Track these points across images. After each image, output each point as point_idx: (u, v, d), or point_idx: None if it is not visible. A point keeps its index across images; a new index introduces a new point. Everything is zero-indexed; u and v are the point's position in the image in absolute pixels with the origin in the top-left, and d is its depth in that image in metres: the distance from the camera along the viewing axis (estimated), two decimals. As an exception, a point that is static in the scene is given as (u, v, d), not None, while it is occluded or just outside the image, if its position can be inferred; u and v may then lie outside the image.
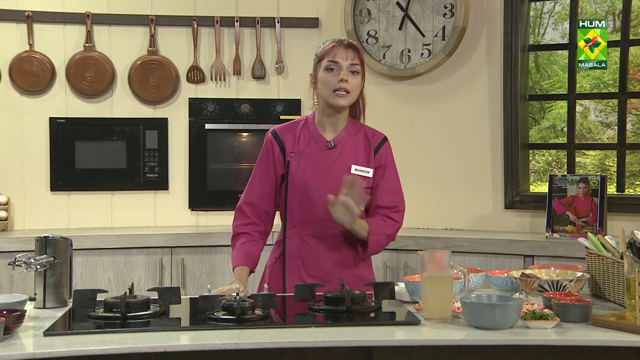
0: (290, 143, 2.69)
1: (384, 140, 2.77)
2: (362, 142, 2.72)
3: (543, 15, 5.96)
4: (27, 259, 2.35)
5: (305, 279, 2.64)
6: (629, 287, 2.15)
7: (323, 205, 2.59)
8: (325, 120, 2.69)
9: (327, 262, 2.65)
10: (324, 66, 2.62)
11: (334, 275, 2.60)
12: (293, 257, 2.67)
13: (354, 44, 2.67)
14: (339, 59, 2.61)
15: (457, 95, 4.30)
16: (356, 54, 2.64)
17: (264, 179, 2.71)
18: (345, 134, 2.70)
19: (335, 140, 2.69)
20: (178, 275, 4.04)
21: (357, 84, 2.64)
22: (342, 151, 2.67)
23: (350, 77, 2.61)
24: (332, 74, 2.61)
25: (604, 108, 6.13)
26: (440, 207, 4.33)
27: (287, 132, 2.72)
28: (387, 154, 2.76)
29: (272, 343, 2.02)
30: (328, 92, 2.62)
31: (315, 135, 2.70)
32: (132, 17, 4.45)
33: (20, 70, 4.32)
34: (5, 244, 3.92)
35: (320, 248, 2.66)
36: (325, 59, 2.63)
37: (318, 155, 2.66)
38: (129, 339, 2.01)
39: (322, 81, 2.63)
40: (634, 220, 3.83)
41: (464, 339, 2.07)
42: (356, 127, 2.74)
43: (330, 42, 2.67)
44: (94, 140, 4.44)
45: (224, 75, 4.52)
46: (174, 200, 4.49)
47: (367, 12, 4.40)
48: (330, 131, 2.70)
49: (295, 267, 2.67)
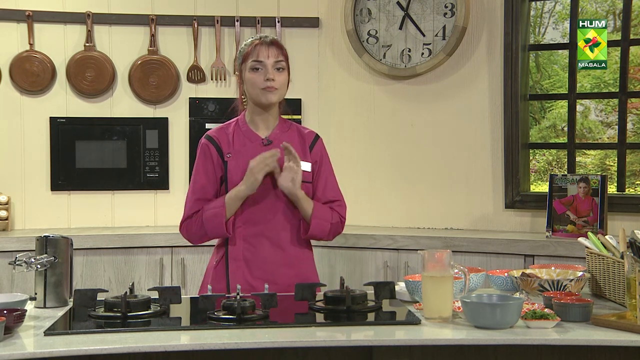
0: (225, 144, 2.68)
1: (317, 137, 2.78)
2: (296, 138, 2.73)
3: (543, 15, 5.96)
4: (27, 259, 2.35)
5: (249, 280, 2.61)
6: (629, 286, 2.15)
7: (265, 203, 2.60)
8: (257, 118, 2.70)
9: (272, 262, 2.63)
10: (249, 66, 2.63)
11: (279, 275, 2.60)
12: (236, 259, 2.64)
13: (277, 40, 2.68)
14: (263, 57, 2.61)
15: (458, 95, 4.30)
16: (279, 50, 2.65)
17: (205, 183, 2.66)
18: (279, 131, 2.71)
19: (270, 137, 2.69)
20: (178, 274, 4.04)
21: (284, 80, 2.65)
22: (278, 147, 2.65)
23: (277, 74, 2.62)
24: (257, 74, 2.62)
25: (605, 107, 6.14)
26: (440, 207, 4.33)
27: (220, 134, 2.71)
28: (322, 151, 2.77)
29: (273, 343, 2.02)
30: (256, 91, 2.63)
31: (249, 134, 2.70)
32: (133, 17, 4.45)
33: (21, 69, 4.32)
34: (6, 243, 3.92)
35: (264, 248, 2.63)
36: (249, 59, 2.63)
37: (255, 153, 2.63)
38: (129, 339, 2.01)
39: (249, 82, 2.63)
40: (634, 220, 3.83)
41: (464, 338, 2.07)
42: (287, 124, 2.76)
43: (252, 40, 2.67)
44: (94, 140, 4.44)
45: (225, 74, 4.52)
46: (175, 199, 4.48)
47: (368, 11, 4.40)
48: (263, 129, 2.71)
49: (238, 270, 2.63)
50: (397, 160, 4.41)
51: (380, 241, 3.98)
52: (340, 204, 2.75)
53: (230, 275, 2.64)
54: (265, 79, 2.60)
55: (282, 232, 2.64)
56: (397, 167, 4.40)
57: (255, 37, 2.69)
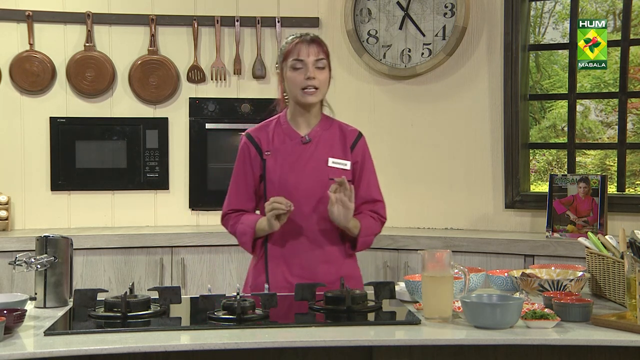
0: (265, 142, 2.67)
1: (360, 135, 2.75)
2: (337, 135, 2.71)
3: (543, 15, 5.96)
4: (27, 259, 2.35)
5: (288, 278, 2.61)
6: (629, 286, 2.15)
7: (303, 201, 2.59)
8: (298, 117, 2.68)
9: (311, 259, 2.62)
10: (290, 65, 2.61)
11: (319, 273, 2.59)
12: (275, 257, 2.64)
13: (317, 38, 2.65)
14: (303, 56, 2.59)
15: (458, 95, 4.30)
16: (320, 48, 2.62)
17: (242, 183, 2.69)
18: (320, 129, 2.69)
19: (310, 135, 2.67)
20: (178, 274, 4.04)
21: (325, 78, 2.63)
22: (318, 145, 2.66)
23: (317, 72, 2.60)
24: (298, 73, 2.59)
25: (605, 107, 6.14)
26: (440, 207, 4.33)
27: (260, 132, 2.70)
28: (365, 150, 2.74)
29: (273, 343, 2.02)
30: (297, 90, 2.61)
31: (289, 132, 2.68)
32: (133, 17, 4.45)
33: (21, 69, 4.32)
34: (6, 243, 3.92)
35: (302, 246, 2.63)
36: (290, 57, 2.61)
37: (294, 151, 2.64)
38: (129, 339, 2.01)
39: (290, 80, 2.62)
40: (634, 220, 3.83)
41: (464, 338, 2.07)
42: (329, 122, 2.73)
43: (293, 38, 2.64)
44: (94, 140, 4.44)
45: (225, 74, 4.52)
46: (175, 199, 4.49)
47: (368, 11, 4.40)
48: (304, 127, 2.69)
49: (277, 267, 2.63)
50: (397, 160, 4.41)
51: (380, 241, 3.97)
52: (382, 205, 2.74)
53: (270, 274, 2.64)
54: (306, 77, 2.58)
55: (321, 229, 2.63)
56: (397, 167, 4.40)
57: (296, 35, 2.66)
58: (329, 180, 2.57)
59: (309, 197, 2.61)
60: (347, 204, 2.52)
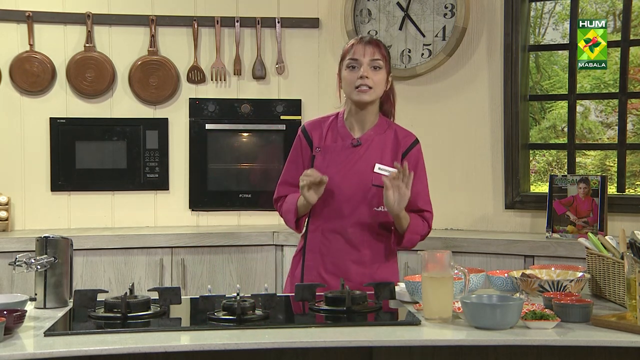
0: (317, 138, 2.72)
1: (415, 142, 2.74)
2: (390, 141, 2.71)
3: (543, 16, 5.97)
4: (27, 259, 2.35)
5: (322, 274, 2.65)
6: (629, 287, 2.15)
7: (344, 202, 2.62)
8: (353, 117, 2.71)
9: (344, 259, 2.66)
10: (346, 64, 2.66)
11: (351, 273, 2.62)
12: (313, 251, 2.69)
13: (375, 39, 2.69)
14: (358, 55, 2.63)
15: (458, 96, 4.30)
16: (377, 49, 2.65)
17: (293, 171, 2.73)
18: (373, 133, 2.70)
19: (362, 138, 2.69)
20: (178, 275, 4.04)
21: (380, 79, 2.64)
22: (368, 149, 2.67)
23: (372, 72, 2.62)
24: (352, 72, 2.63)
25: (605, 108, 6.14)
26: (440, 207, 4.28)
27: (315, 127, 2.75)
28: (418, 157, 2.73)
29: (273, 343, 2.02)
30: (350, 89, 2.64)
31: (343, 132, 2.71)
32: (133, 17, 4.45)
33: (21, 70, 4.32)
34: (6, 244, 3.92)
35: (339, 245, 2.66)
36: (346, 57, 2.66)
37: (343, 152, 2.67)
38: (129, 339, 2.01)
39: (344, 79, 2.66)
40: (634, 221, 3.82)
41: (464, 339, 2.07)
42: (385, 125, 2.73)
43: (352, 40, 2.71)
44: (94, 141, 4.44)
45: (225, 75, 4.52)
46: (175, 200, 4.49)
47: (368, 12, 4.40)
48: (358, 129, 2.71)
49: (314, 262, 2.68)
50: (397, 161, 4.40)
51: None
52: (429, 215, 2.74)
53: (306, 267, 2.68)
54: (359, 76, 2.61)
55: (359, 232, 2.65)
56: (397, 168, 4.39)
57: (357, 37, 2.73)
58: (372, 186, 2.61)
59: (349, 199, 2.64)
60: (402, 190, 2.51)
